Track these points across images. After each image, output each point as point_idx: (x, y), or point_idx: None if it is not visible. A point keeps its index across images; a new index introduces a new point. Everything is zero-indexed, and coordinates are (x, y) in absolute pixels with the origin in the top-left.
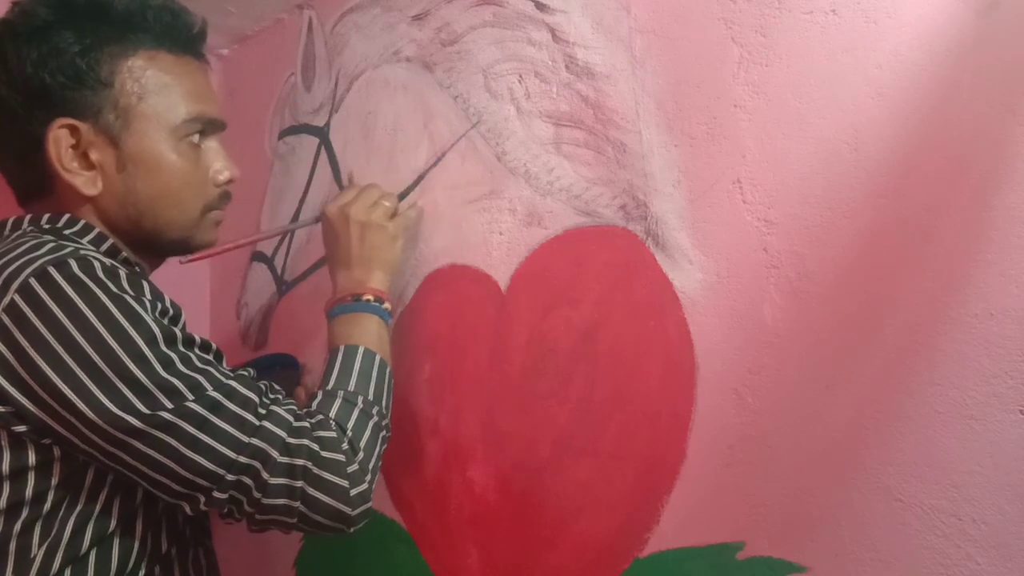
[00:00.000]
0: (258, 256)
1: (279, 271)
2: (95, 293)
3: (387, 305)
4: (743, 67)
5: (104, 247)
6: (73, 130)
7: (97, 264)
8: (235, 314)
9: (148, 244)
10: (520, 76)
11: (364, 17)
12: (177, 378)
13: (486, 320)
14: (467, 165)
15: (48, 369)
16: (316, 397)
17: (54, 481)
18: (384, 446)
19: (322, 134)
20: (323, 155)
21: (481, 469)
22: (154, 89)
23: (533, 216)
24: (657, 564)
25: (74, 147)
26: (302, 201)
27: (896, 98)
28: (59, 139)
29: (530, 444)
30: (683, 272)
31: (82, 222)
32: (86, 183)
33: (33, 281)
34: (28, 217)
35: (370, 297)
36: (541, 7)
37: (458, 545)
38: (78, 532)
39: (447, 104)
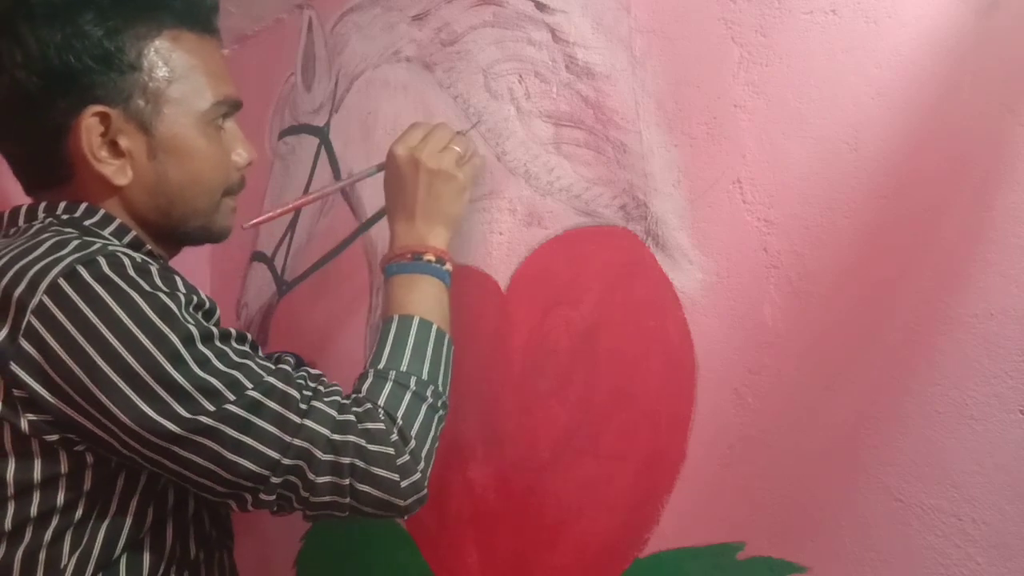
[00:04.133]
0: (258, 256)
1: (279, 271)
2: (127, 293)
3: (448, 266)
4: (743, 67)
5: (127, 239)
6: (103, 117)
7: (127, 261)
8: (235, 314)
9: (171, 233)
10: (520, 76)
11: (364, 17)
12: (215, 377)
13: (486, 320)
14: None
15: (83, 375)
16: (366, 378)
17: (85, 488)
18: (441, 425)
19: (322, 134)
20: (323, 155)
21: (481, 469)
22: (182, 72)
23: (533, 216)
24: (657, 564)
25: (103, 135)
26: None
27: (896, 98)
28: (91, 127)
29: (530, 444)
30: (683, 272)
31: (102, 212)
32: (116, 172)
33: (62, 281)
34: (43, 205)
35: (431, 257)
36: (541, 7)
37: (458, 545)
38: (109, 541)
39: (447, 104)
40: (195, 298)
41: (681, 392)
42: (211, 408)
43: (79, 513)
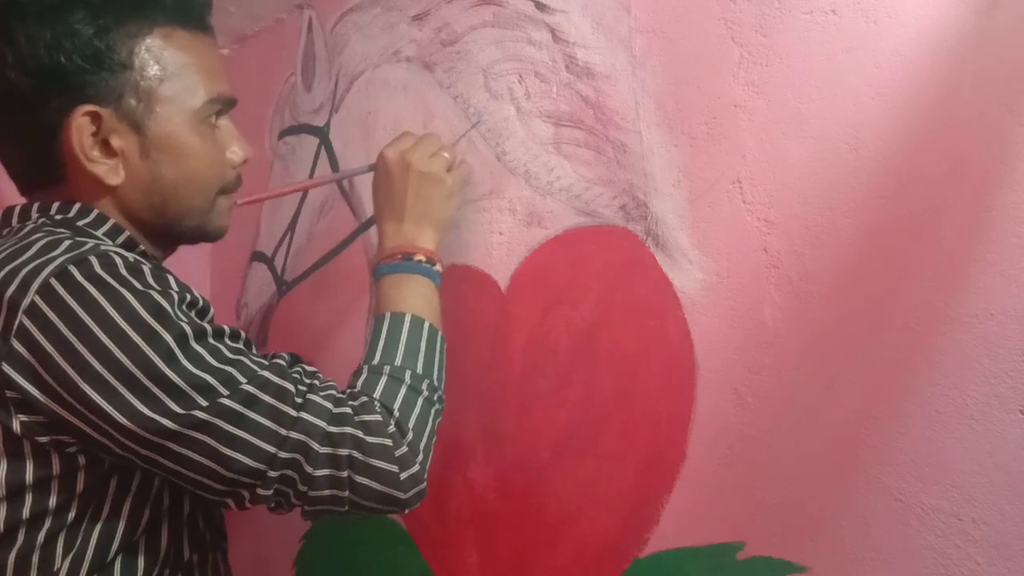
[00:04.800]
0: (258, 256)
1: (279, 271)
2: (119, 292)
3: (438, 267)
4: (743, 67)
5: (120, 239)
6: (94, 117)
7: (119, 260)
8: (235, 314)
9: (165, 233)
10: (520, 76)
11: (364, 17)
12: (209, 373)
13: (486, 320)
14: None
15: (76, 375)
16: (361, 374)
17: (78, 490)
18: (438, 420)
19: (322, 134)
20: (323, 155)
21: (481, 469)
22: (174, 70)
23: (533, 216)
24: (657, 564)
25: (94, 134)
26: (302, 202)
27: (896, 98)
28: (81, 127)
29: (530, 444)
30: (683, 272)
31: (95, 212)
32: (108, 172)
33: (54, 281)
34: (36, 206)
35: (421, 258)
36: (541, 7)
37: (458, 545)
38: (103, 543)
39: (447, 104)
40: (188, 296)
41: (681, 392)
42: (205, 403)
43: (72, 515)
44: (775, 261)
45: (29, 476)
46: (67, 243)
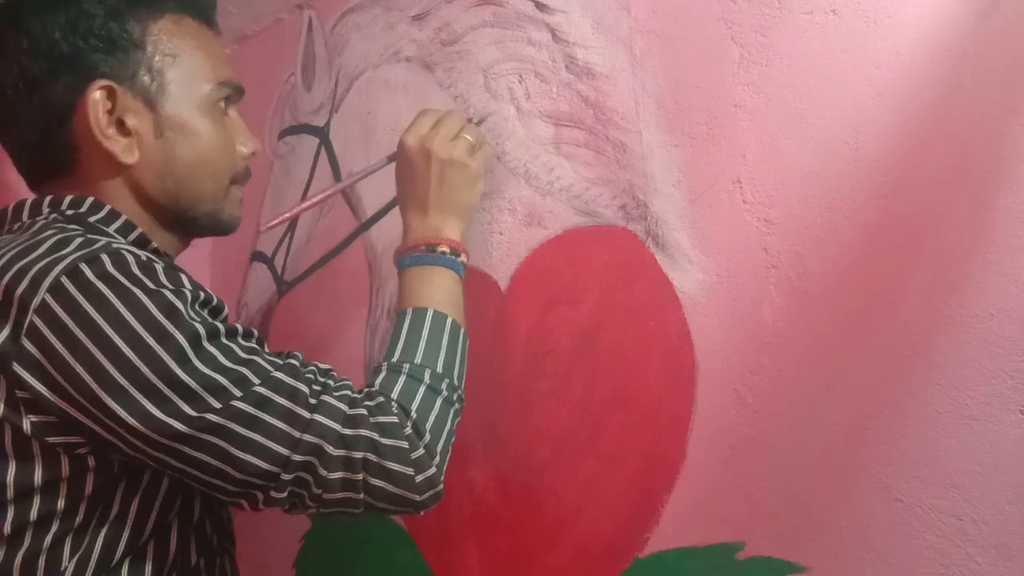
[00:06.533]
0: (258, 256)
1: (279, 271)
2: (131, 291)
3: (463, 258)
4: (743, 67)
5: (132, 236)
6: (110, 93)
7: (131, 258)
8: (235, 314)
9: (180, 218)
10: (520, 76)
11: (364, 17)
12: (222, 374)
13: (486, 320)
14: None
15: (87, 375)
16: (380, 372)
17: (87, 492)
18: (457, 420)
19: (322, 134)
20: (323, 155)
21: (481, 469)
22: (185, 52)
23: (533, 216)
24: (657, 564)
25: (109, 112)
26: (302, 201)
27: (896, 98)
28: (97, 102)
29: (530, 444)
30: (683, 272)
31: (108, 208)
32: (124, 150)
33: (65, 279)
34: (48, 200)
35: (445, 249)
36: (541, 7)
37: (458, 545)
38: (109, 547)
39: (447, 104)
40: (201, 294)
41: (681, 392)
42: (218, 405)
43: (79, 518)
44: (775, 261)
45: (38, 478)
46: (78, 240)
